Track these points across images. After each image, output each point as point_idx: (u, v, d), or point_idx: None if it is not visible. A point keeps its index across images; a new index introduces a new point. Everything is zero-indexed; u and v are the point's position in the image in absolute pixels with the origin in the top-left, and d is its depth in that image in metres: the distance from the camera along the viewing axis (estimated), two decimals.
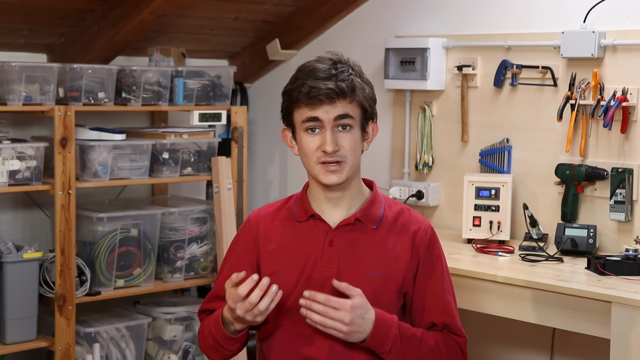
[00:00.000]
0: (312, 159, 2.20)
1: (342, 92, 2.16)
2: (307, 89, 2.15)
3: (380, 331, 2.15)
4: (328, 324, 2.11)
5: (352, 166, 2.21)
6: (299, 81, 2.18)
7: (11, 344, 3.38)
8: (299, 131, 2.22)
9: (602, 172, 3.33)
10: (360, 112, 2.21)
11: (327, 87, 2.14)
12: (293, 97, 2.19)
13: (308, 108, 2.17)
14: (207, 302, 2.38)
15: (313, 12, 4.19)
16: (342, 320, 2.11)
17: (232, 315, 2.17)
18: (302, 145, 2.21)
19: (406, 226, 2.27)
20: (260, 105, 4.59)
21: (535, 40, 3.53)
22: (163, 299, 4.01)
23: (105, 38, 3.75)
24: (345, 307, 2.11)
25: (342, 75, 2.17)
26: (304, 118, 2.18)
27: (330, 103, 2.16)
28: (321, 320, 2.11)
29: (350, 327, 2.11)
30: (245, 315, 2.11)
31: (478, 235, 3.49)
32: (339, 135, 2.18)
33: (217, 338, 2.25)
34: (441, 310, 2.26)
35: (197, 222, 3.88)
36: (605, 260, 2.99)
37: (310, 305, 2.12)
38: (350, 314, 2.11)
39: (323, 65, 2.18)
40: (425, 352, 2.20)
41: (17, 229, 3.81)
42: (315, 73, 2.16)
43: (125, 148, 3.64)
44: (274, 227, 2.30)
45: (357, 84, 2.19)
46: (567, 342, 3.52)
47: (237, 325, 2.19)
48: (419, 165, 3.90)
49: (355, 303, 2.12)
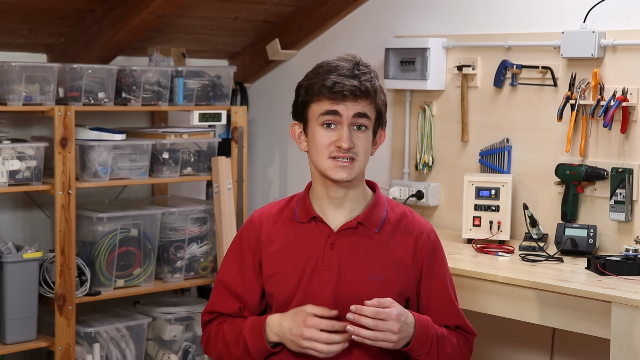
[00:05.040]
0: (323, 153, 2.19)
1: (366, 91, 2.17)
2: (331, 83, 2.15)
3: (422, 334, 2.17)
4: (379, 337, 2.09)
5: (361, 166, 2.21)
6: (320, 76, 2.18)
7: (11, 344, 3.38)
8: (312, 125, 2.21)
9: (602, 172, 3.33)
10: (375, 115, 2.23)
11: (352, 84, 2.15)
12: (314, 90, 2.18)
13: (330, 101, 2.17)
14: (216, 302, 2.30)
15: (313, 12, 4.19)
16: (392, 330, 2.10)
17: (289, 333, 2.14)
18: (315, 139, 2.20)
19: (409, 230, 2.27)
20: (260, 105, 4.59)
21: (535, 40, 3.53)
22: (163, 299, 4.01)
23: (105, 38, 3.75)
24: (392, 316, 2.10)
25: (365, 76, 2.18)
26: (323, 111, 2.17)
27: (353, 100, 2.17)
28: (371, 335, 2.09)
29: (399, 335, 2.11)
30: (302, 342, 2.11)
31: (478, 235, 3.49)
32: (355, 134, 2.19)
33: (251, 347, 2.19)
34: (453, 314, 2.28)
35: (197, 222, 3.88)
36: (605, 260, 2.99)
37: (358, 320, 2.09)
38: (398, 322, 2.10)
39: (346, 64, 2.19)
40: (450, 350, 2.23)
41: (17, 229, 3.81)
42: (338, 70, 2.17)
43: (125, 148, 3.64)
44: (277, 227, 2.29)
45: (377, 87, 2.21)
46: (567, 342, 3.52)
47: (285, 342, 2.16)
48: (419, 165, 3.89)
49: (399, 310, 2.12)
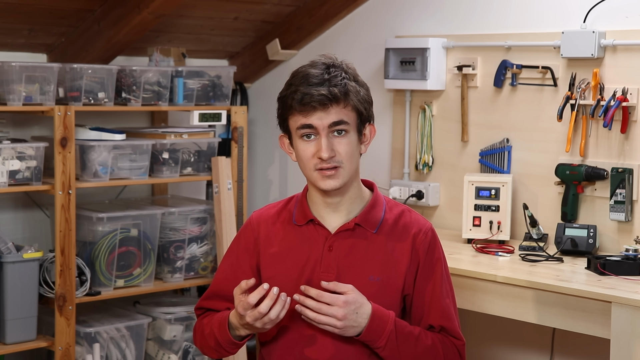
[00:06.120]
0: (308, 166, 2.19)
1: (335, 97, 2.14)
2: (300, 96, 2.13)
3: (376, 326, 2.15)
4: (322, 320, 2.12)
5: (349, 171, 2.19)
6: (292, 87, 2.17)
7: (11, 344, 3.38)
8: (294, 138, 2.21)
9: (602, 172, 3.33)
10: (355, 116, 2.19)
11: (319, 93, 2.12)
12: (287, 104, 2.18)
13: (302, 115, 2.15)
14: (205, 299, 2.37)
15: (313, 12, 4.19)
16: (335, 315, 2.11)
17: (239, 322, 2.17)
18: (299, 152, 2.20)
19: (407, 229, 2.27)
20: (260, 105, 4.59)
21: (535, 40, 3.53)
22: (163, 299, 4.01)
23: (105, 38, 3.75)
24: (338, 302, 2.12)
25: (335, 79, 2.14)
26: (298, 125, 2.17)
27: (324, 109, 2.14)
28: (315, 316, 2.12)
29: (344, 322, 2.12)
30: (254, 323, 2.12)
31: (478, 235, 3.49)
32: (335, 140, 2.16)
33: (220, 341, 2.25)
34: (439, 314, 2.24)
35: (197, 222, 3.88)
36: (605, 260, 2.99)
37: (303, 301, 2.13)
38: (343, 309, 2.12)
39: (316, 70, 2.15)
40: (421, 351, 2.20)
41: (17, 229, 3.81)
42: (308, 79, 2.14)
43: (125, 148, 3.64)
44: (275, 229, 2.30)
45: (350, 87, 2.16)
46: (567, 342, 3.52)
47: (242, 332, 2.20)
48: (419, 165, 3.89)
49: (348, 298, 2.13)
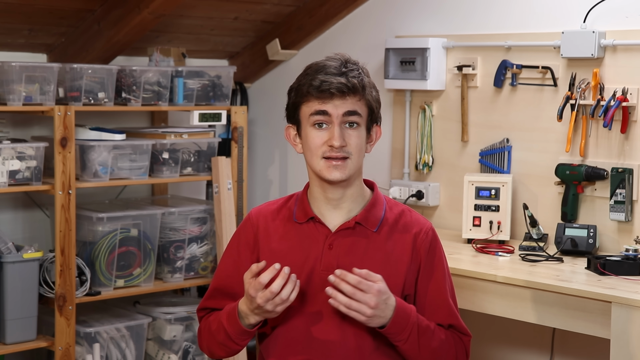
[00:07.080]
0: (316, 154, 2.19)
1: (353, 88, 2.17)
2: (319, 82, 2.16)
3: (401, 319, 2.15)
4: (353, 306, 2.10)
5: (355, 164, 2.21)
6: (308, 77, 2.19)
7: (11, 344, 3.38)
8: (305, 126, 2.21)
9: (602, 172, 3.33)
10: (367, 111, 2.22)
11: (338, 81, 2.16)
12: (302, 91, 2.19)
13: (318, 101, 2.17)
14: (208, 299, 2.36)
15: (313, 12, 4.19)
16: (367, 303, 2.10)
17: (250, 307, 2.15)
18: (308, 140, 2.21)
19: (407, 228, 2.27)
20: (260, 105, 4.59)
21: (535, 40, 3.53)
22: (163, 299, 4.01)
23: (105, 38, 3.75)
24: (373, 290, 2.10)
25: (353, 72, 2.18)
26: (313, 111, 2.18)
27: (341, 97, 2.17)
28: (347, 302, 2.10)
29: (374, 310, 2.10)
30: (265, 305, 2.10)
31: (478, 235, 3.49)
32: (346, 132, 2.19)
33: (230, 332, 2.22)
34: (446, 313, 2.26)
35: (197, 222, 3.88)
36: (605, 260, 2.99)
37: (338, 284, 2.10)
38: (376, 297, 2.10)
39: (333, 62, 2.19)
40: (437, 345, 2.21)
41: (17, 229, 3.81)
42: (325, 69, 2.18)
43: (125, 148, 3.64)
44: (275, 226, 2.30)
45: (366, 83, 2.21)
46: (567, 342, 3.52)
47: (252, 319, 2.17)
48: (419, 165, 3.89)
49: (381, 287, 2.11)
